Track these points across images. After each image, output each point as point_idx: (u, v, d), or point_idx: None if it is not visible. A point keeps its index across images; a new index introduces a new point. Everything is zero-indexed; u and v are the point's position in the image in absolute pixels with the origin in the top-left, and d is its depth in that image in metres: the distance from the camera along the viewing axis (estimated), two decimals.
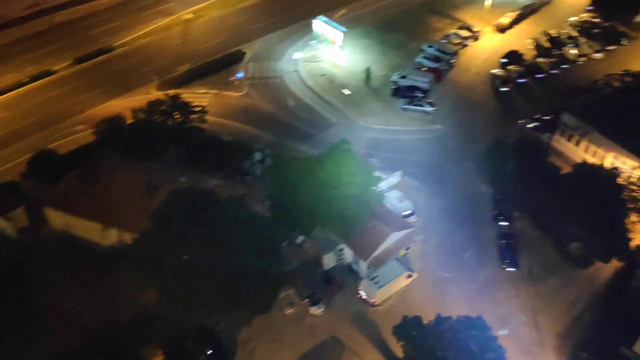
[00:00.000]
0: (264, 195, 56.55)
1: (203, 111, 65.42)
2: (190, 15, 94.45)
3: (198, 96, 76.47)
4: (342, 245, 55.61)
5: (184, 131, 64.29)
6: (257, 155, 65.34)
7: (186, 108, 64.57)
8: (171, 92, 66.72)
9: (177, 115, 64.22)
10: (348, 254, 56.22)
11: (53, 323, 52.01)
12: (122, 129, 63.19)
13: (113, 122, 63.49)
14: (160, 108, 63.82)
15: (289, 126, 72.71)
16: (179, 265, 46.19)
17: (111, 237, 56.82)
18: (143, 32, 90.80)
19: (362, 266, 54.71)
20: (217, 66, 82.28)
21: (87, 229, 57.60)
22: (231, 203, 50.03)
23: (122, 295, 53.03)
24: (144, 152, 62.56)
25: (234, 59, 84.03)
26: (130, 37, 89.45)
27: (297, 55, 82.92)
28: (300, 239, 57.51)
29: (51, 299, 53.88)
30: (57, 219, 59.00)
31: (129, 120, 64.15)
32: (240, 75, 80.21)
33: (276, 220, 53.79)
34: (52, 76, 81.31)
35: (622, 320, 50.01)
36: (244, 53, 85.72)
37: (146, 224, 48.60)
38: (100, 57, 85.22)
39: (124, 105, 72.30)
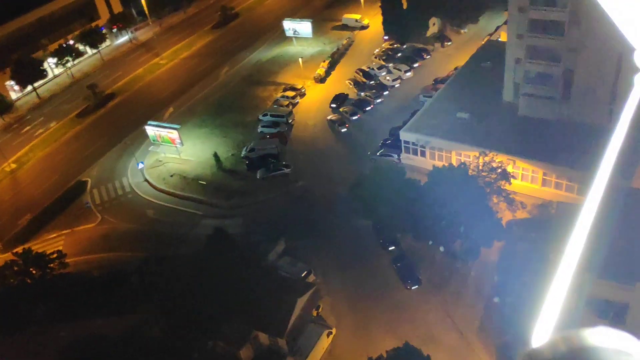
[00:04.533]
0: (157, 313, 53.15)
1: (61, 256, 60.76)
2: (14, 165, 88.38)
3: (51, 242, 70.87)
4: (254, 333, 53.74)
5: (47, 284, 58.91)
6: (135, 278, 61.58)
7: (42, 260, 59.50)
8: (19, 249, 61.26)
9: (34, 271, 58.87)
10: (263, 338, 54.39)
11: None
12: None
13: None
14: (14, 270, 58.15)
15: (157, 235, 69.95)
16: None
17: None
18: None
19: (282, 344, 53.19)
20: (61, 205, 77.36)
21: None
22: (127, 338, 46.25)
23: None
24: (9, 322, 55.94)
25: (76, 192, 79.74)
26: None
27: (140, 165, 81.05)
28: (209, 344, 54.56)
29: None
30: None
31: None
32: (88, 205, 76.47)
33: (175, 336, 50.64)
34: None
35: None
36: (86, 182, 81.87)
37: None
38: None
39: None
